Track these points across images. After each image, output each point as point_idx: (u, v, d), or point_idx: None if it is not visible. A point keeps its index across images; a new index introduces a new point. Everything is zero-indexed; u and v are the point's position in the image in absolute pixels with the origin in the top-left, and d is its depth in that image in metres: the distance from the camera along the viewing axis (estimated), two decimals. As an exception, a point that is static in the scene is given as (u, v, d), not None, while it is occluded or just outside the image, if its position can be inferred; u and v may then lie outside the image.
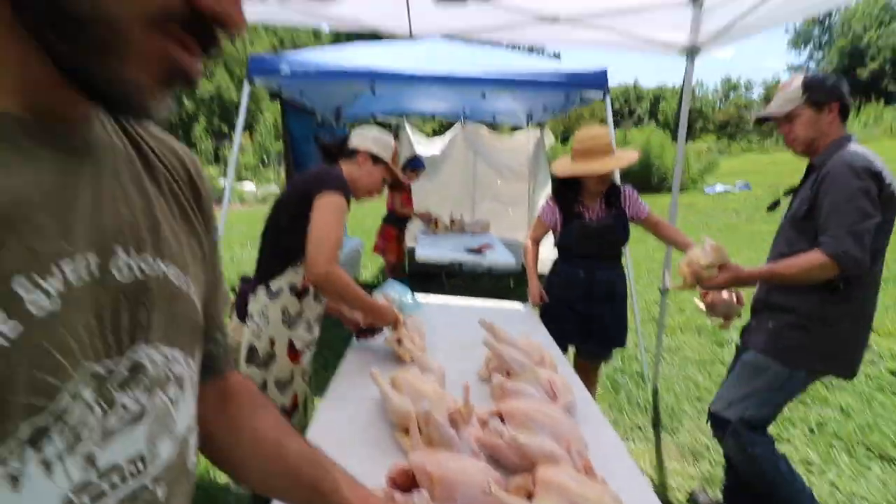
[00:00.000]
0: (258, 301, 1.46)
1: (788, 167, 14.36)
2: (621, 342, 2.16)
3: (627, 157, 1.99)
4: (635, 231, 2.15)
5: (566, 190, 2.10)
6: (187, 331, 0.44)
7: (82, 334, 0.33)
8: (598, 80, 2.87)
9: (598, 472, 0.90)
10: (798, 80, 1.52)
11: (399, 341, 1.48)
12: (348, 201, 1.41)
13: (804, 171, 1.61)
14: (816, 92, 1.47)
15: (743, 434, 1.58)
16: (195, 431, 0.47)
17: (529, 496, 0.83)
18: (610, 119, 2.92)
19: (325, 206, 1.36)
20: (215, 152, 18.84)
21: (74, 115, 0.36)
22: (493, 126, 7.13)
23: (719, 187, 14.28)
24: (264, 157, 16.41)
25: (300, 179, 1.48)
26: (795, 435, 2.55)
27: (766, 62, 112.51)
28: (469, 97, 4.31)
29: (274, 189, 12.78)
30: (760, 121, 1.65)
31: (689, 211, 11.07)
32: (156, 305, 0.40)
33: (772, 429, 2.61)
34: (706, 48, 2.55)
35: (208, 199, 0.52)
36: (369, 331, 1.62)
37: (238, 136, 3.56)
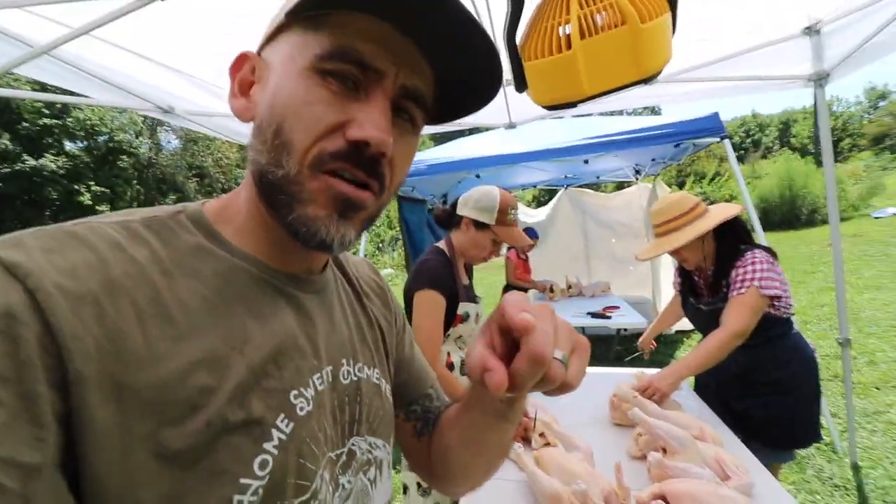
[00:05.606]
0: None
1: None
2: (802, 441, 1.61)
3: (708, 221, 1.61)
4: (792, 274, 1.78)
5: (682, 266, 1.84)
6: (386, 421, 0.54)
7: (326, 428, 0.44)
8: (711, 124, 2.71)
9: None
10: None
11: (530, 426, 1.31)
12: (444, 291, 1.43)
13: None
14: None
15: None
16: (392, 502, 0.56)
17: None
18: (732, 157, 2.71)
19: (418, 305, 1.42)
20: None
21: (315, 267, 0.49)
22: (597, 186, 7.00)
23: (890, 210, 11.93)
24: (380, 244, 17.93)
25: (412, 271, 1.57)
26: None
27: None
28: (570, 164, 4.36)
29: (390, 272, 13.80)
30: None
31: (856, 242, 9.31)
32: (364, 402, 0.50)
33: None
34: (837, 73, 2.31)
35: (394, 301, 0.64)
36: None
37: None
